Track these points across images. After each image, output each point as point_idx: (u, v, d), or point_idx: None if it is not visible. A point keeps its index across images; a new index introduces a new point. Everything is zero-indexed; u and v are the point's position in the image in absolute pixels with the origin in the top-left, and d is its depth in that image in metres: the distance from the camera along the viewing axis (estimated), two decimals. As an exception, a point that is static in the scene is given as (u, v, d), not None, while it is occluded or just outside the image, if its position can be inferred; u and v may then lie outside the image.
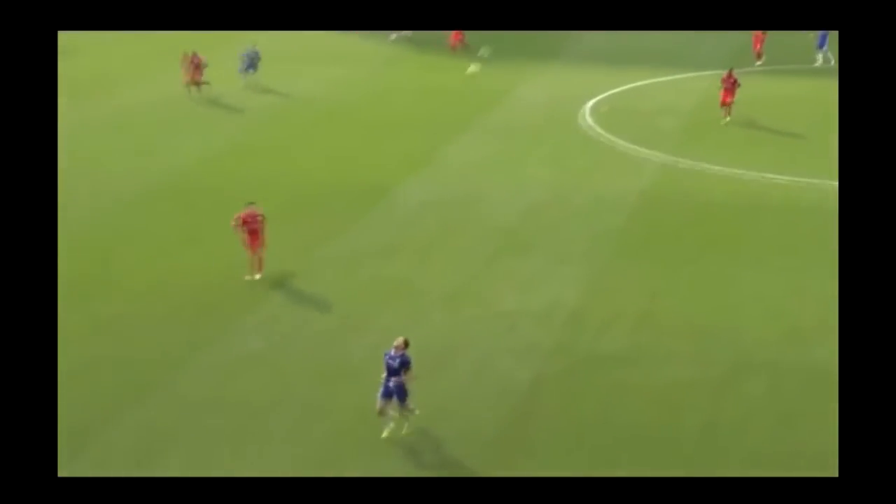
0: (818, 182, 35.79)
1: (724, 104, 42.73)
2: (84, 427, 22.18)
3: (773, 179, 36.99)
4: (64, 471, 20.63)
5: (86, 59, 51.62)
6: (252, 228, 28.58)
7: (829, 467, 17.28)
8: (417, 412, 22.01)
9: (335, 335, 26.17)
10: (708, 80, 47.67)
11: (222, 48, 48.72)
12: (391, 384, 21.65)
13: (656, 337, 26.15)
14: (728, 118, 42.65)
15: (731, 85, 42.69)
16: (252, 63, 47.46)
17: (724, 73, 43.37)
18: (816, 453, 20.97)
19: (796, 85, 48.95)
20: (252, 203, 28.83)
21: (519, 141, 41.43)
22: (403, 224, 33.21)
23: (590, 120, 44.01)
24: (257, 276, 28.59)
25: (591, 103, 46.11)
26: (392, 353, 21.79)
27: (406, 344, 21.83)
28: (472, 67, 24.18)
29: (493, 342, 25.90)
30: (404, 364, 21.60)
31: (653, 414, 22.96)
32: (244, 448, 21.60)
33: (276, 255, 29.73)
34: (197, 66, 46.11)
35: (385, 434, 21.75)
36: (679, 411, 23.08)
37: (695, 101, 45.65)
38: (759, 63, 52.18)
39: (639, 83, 49.67)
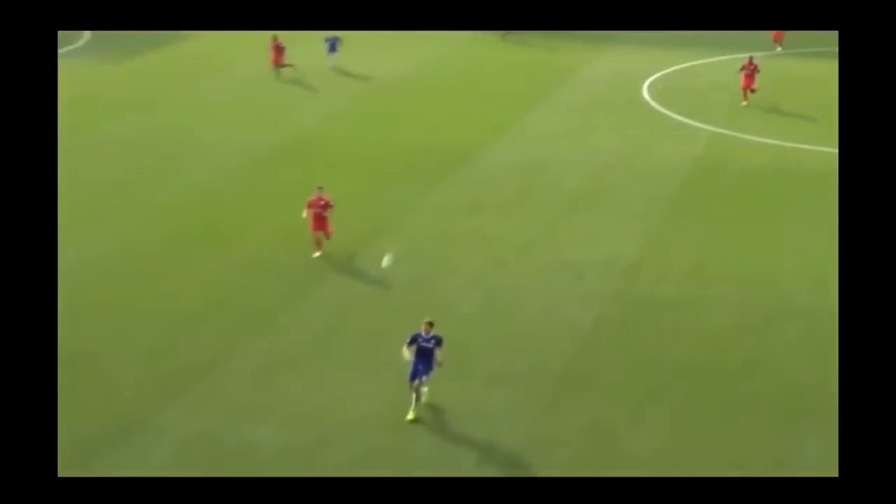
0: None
1: (745, 88, 42.03)
2: (218, 351, 23.11)
3: (809, 149, 37.01)
4: (198, 387, 21.67)
5: (203, 43, 52.45)
6: (315, 212, 27.40)
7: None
8: (425, 389, 20.72)
9: (428, 277, 26.88)
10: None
11: (307, 35, 48.96)
12: (421, 365, 20.34)
13: (705, 285, 26.55)
14: (745, 102, 41.98)
15: (751, 71, 42.11)
16: (333, 47, 47.44)
17: (745, 59, 42.80)
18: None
19: (827, 66, 48.44)
20: (321, 188, 27.75)
21: (586, 113, 41.68)
22: (485, 184, 33.76)
23: (648, 95, 44.14)
24: (316, 254, 27.43)
25: (648, 80, 46.19)
26: (423, 334, 20.41)
27: (432, 324, 20.50)
28: (386, 260, 24.51)
29: (561, 287, 26.42)
30: (439, 343, 20.40)
31: (701, 352, 23.44)
32: (354, 374, 22.33)
33: (376, 209, 30.67)
34: (278, 49, 45.98)
35: (411, 416, 20.45)
36: (724, 350, 23.55)
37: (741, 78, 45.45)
38: (779, 49, 51.53)
39: (691, 63, 49.55)
